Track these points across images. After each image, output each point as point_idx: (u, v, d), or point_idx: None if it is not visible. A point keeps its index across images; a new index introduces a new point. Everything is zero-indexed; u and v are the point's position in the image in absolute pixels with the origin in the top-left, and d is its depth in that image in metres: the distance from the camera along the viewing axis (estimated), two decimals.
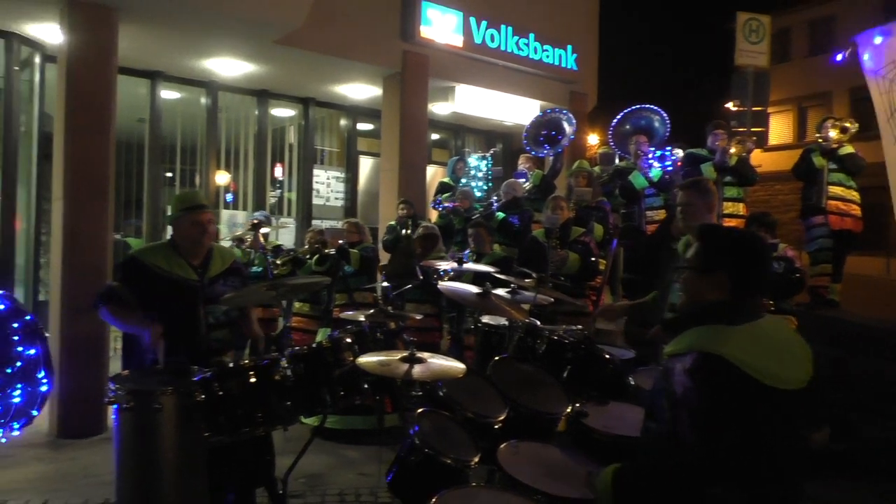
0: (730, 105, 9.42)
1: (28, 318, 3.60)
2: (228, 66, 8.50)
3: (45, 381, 3.48)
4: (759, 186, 12.00)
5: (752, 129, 9.01)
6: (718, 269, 2.17)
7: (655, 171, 7.20)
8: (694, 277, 2.24)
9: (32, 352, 3.40)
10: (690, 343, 2.09)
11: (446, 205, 7.91)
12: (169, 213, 3.81)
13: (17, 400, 3.29)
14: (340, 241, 6.71)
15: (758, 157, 10.20)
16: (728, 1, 11.72)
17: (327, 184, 10.49)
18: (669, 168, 7.19)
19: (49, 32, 6.90)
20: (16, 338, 3.40)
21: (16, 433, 3.33)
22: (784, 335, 2.18)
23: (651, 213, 7.40)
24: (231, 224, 9.59)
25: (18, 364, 3.36)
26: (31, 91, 7.52)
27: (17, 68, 7.20)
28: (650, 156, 7.27)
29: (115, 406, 2.99)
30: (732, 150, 7.09)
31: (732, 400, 1.95)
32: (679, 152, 7.52)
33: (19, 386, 3.36)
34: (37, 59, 7.48)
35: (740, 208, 7.32)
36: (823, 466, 4.58)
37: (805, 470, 2.15)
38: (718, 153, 7.09)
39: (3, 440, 3.33)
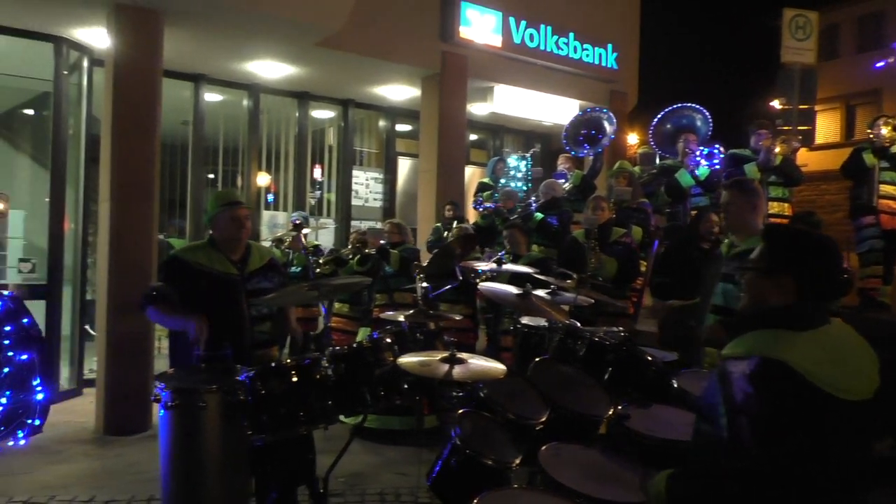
0: (775, 103, 9.22)
1: (25, 321, 3.48)
2: (270, 69, 8.60)
3: (39, 388, 3.34)
4: (805, 186, 11.70)
5: (799, 128, 8.81)
6: (784, 271, 2.07)
7: (703, 170, 7.05)
8: (757, 279, 2.13)
9: (24, 357, 3.27)
10: (751, 347, 1.99)
11: (487, 205, 7.90)
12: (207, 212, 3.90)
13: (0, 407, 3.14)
14: (382, 242, 6.73)
15: (804, 157, 9.99)
16: None
17: (366, 185, 10.55)
18: (717, 166, 7.04)
19: (96, 37, 7.06)
20: (6, 342, 3.28)
21: (21, 443, 3.18)
22: (851, 343, 2.07)
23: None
24: (272, 225, 9.71)
25: (6, 370, 3.23)
26: (80, 94, 7.68)
27: (65, 72, 7.36)
28: (697, 153, 7.13)
29: (160, 404, 3.03)
30: (777, 150, 6.93)
31: (795, 408, 1.87)
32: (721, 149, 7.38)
33: (7, 393, 3.22)
34: (85, 63, 7.64)
35: (786, 208, 7.16)
36: (879, 474, 4.45)
37: (868, 481, 2.06)
38: (762, 153, 6.93)
39: (23, 442, 3.20)
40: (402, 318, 3.83)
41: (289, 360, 3.12)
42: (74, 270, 7.65)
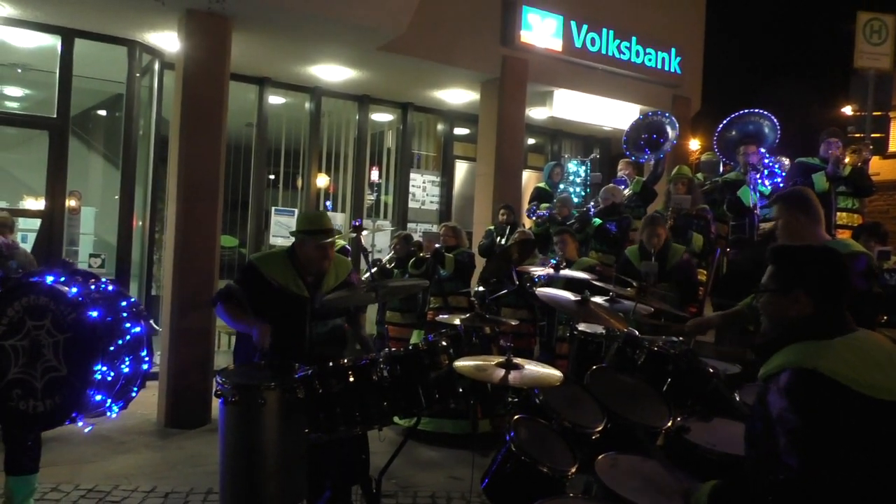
0: (847, 109, 8.92)
1: (132, 300, 3.89)
2: (332, 72, 8.73)
3: (146, 359, 3.70)
4: (877, 196, 11.26)
5: (872, 135, 8.49)
6: (796, 288, 2.14)
7: (764, 189, 6.90)
8: (773, 299, 2.21)
9: (138, 329, 3.63)
10: (782, 361, 2.04)
11: (541, 212, 7.84)
12: (294, 227, 3.92)
13: (126, 369, 3.50)
14: (437, 245, 6.75)
15: (877, 165, 9.59)
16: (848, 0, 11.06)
17: (423, 188, 10.60)
18: (780, 184, 6.86)
19: (168, 41, 7.29)
20: (125, 314, 3.65)
21: (113, 415, 3.53)
22: (884, 346, 2.10)
23: (765, 225, 7.02)
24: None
25: (127, 338, 3.59)
26: (150, 96, 7.94)
27: (137, 74, 7.62)
28: (758, 177, 6.96)
29: (220, 399, 3.10)
30: (846, 160, 6.69)
31: (834, 417, 1.88)
32: (785, 161, 7.19)
33: (128, 359, 3.57)
34: (156, 66, 7.90)
35: (855, 219, 6.90)
36: None
37: None
38: (831, 163, 6.69)
39: (114, 415, 3.54)
40: (457, 322, 3.83)
41: (346, 361, 3.16)
42: (141, 266, 7.89)
